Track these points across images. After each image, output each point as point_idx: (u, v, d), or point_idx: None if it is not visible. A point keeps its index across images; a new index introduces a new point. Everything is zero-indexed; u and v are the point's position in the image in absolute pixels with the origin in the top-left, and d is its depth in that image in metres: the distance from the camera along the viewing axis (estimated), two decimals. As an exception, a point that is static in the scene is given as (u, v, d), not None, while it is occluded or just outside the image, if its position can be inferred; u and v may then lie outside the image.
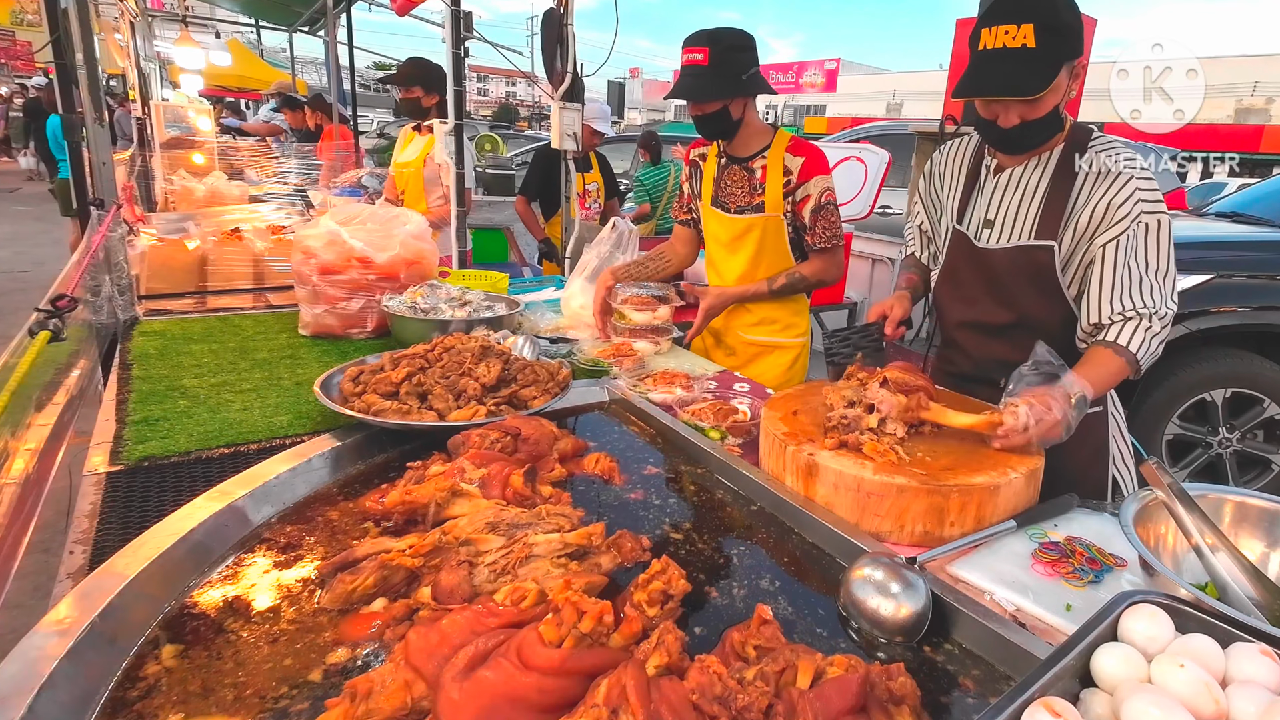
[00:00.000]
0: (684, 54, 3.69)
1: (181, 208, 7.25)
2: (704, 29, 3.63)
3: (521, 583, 1.54)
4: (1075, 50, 2.53)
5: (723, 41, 3.59)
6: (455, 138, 5.43)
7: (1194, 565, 1.74)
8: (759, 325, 4.05)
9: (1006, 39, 2.48)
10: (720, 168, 3.99)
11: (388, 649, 1.47)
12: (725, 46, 3.59)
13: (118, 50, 13.81)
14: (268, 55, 26.73)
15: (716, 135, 3.91)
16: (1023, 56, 2.47)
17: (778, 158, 3.80)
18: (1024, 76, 2.50)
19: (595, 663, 1.30)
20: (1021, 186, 2.79)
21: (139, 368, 3.05)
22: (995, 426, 2.22)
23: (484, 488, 2.00)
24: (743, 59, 3.64)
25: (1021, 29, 2.45)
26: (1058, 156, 2.72)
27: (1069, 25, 2.49)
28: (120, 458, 2.33)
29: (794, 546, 2.01)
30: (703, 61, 3.59)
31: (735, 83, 3.64)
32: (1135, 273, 2.56)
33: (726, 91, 3.66)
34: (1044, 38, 2.44)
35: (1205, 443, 6.18)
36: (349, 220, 3.77)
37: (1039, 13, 2.45)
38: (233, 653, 1.48)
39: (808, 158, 3.77)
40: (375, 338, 3.69)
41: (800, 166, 3.76)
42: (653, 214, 11.02)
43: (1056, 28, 2.45)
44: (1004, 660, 1.57)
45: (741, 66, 3.64)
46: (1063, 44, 2.48)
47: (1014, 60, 2.49)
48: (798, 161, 3.76)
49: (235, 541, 1.88)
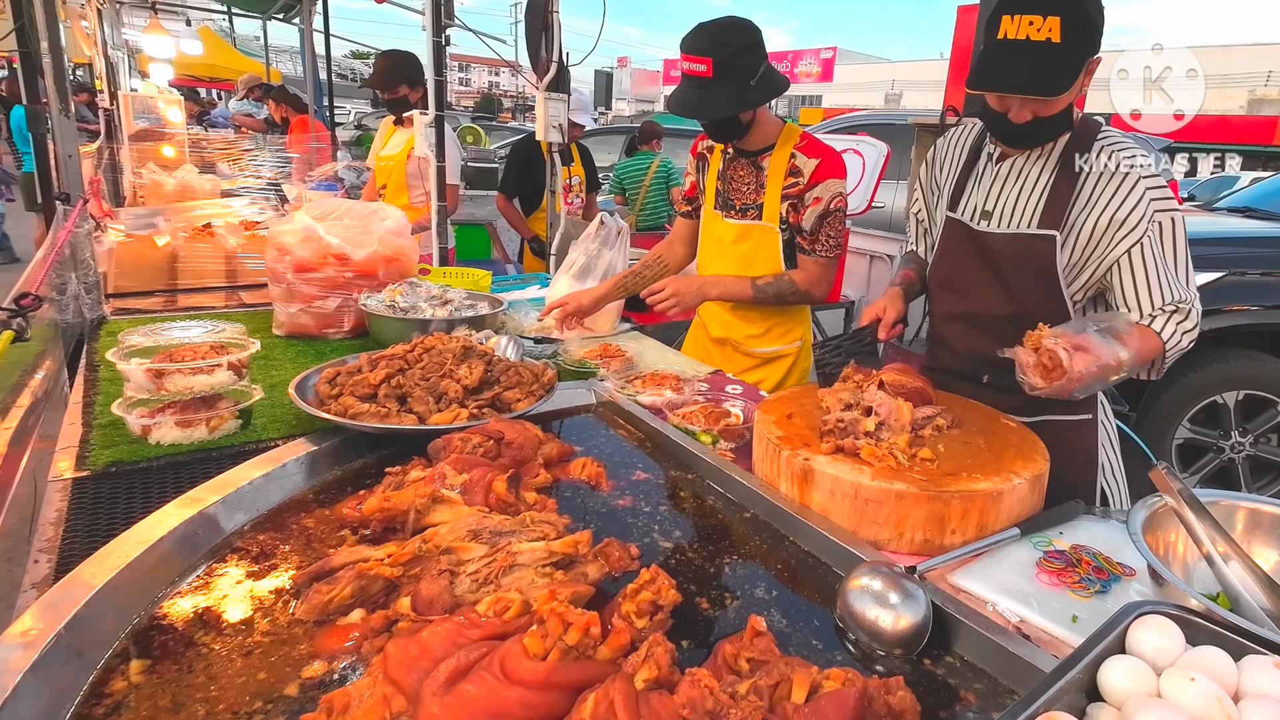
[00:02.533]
0: (684, 60, 3.46)
1: (151, 202, 7.23)
2: (705, 27, 3.39)
3: (505, 593, 1.54)
4: (1097, 46, 2.50)
5: (728, 46, 3.35)
6: (435, 130, 5.43)
7: (1205, 575, 1.74)
8: (765, 335, 3.94)
9: (1031, 30, 2.41)
10: (727, 161, 3.86)
11: (365, 662, 1.47)
12: (731, 52, 3.35)
13: (84, 38, 13.76)
14: (241, 44, 26.65)
15: (726, 138, 3.73)
16: (1046, 50, 2.42)
17: (783, 157, 3.66)
18: (1047, 74, 2.45)
19: (582, 676, 1.30)
20: (1023, 177, 2.79)
21: (107, 369, 3.03)
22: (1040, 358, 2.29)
23: (466, 494, 1.99)
24: (750, 60, 3.41)
25: (1048, 21, 2.39)
26: (1061, 148, 2.72)
27: (1095, 21, 2.45)
28: (87, 463, 2.33)
29: (789, 555, 2.02)
30: (706, 73, 3.37)
31: (744, 91, 3.43)
32: (1159, 271, 2.58)
33: (734, 104, 3.46)
34: (1070, 32, 2.39)
35: (1217, 447, 6.20)
36: (325, 215, 3.76)
37: (1067, 5, 2.39)
38: (204, 666, 1.48)
39: (823, 159, 3.61)
40: (352, 338, 3.69)
41: (814, 169, 3.59)
42: (630, 208, 10.97)
43: (1083, 22, 2.41)
44: (1007, 674, 1.57)
45: (750, 70, 3.42)
46: (1088, 41, 2.45)
47: (1036, 54, 2.43)
48: (811, 163, 3.60)
49: (207, 550, 1.88)
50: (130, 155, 9.09)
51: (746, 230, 3.77)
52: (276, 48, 28.32)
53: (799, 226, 3.65)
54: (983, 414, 2.55)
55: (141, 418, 2.46)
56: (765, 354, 3.95)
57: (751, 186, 3.76)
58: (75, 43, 13.81)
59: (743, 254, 3.80)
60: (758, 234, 3.74)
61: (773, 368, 3.96)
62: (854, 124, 12.44)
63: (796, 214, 3.65)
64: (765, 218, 3.69)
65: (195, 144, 9.83)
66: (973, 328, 2.96)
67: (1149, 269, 2.58)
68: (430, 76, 5.35)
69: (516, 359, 2.94)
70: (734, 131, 3.64)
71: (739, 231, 3.80)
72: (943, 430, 2.32)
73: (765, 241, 3.73)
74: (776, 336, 3.93)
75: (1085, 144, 2.68)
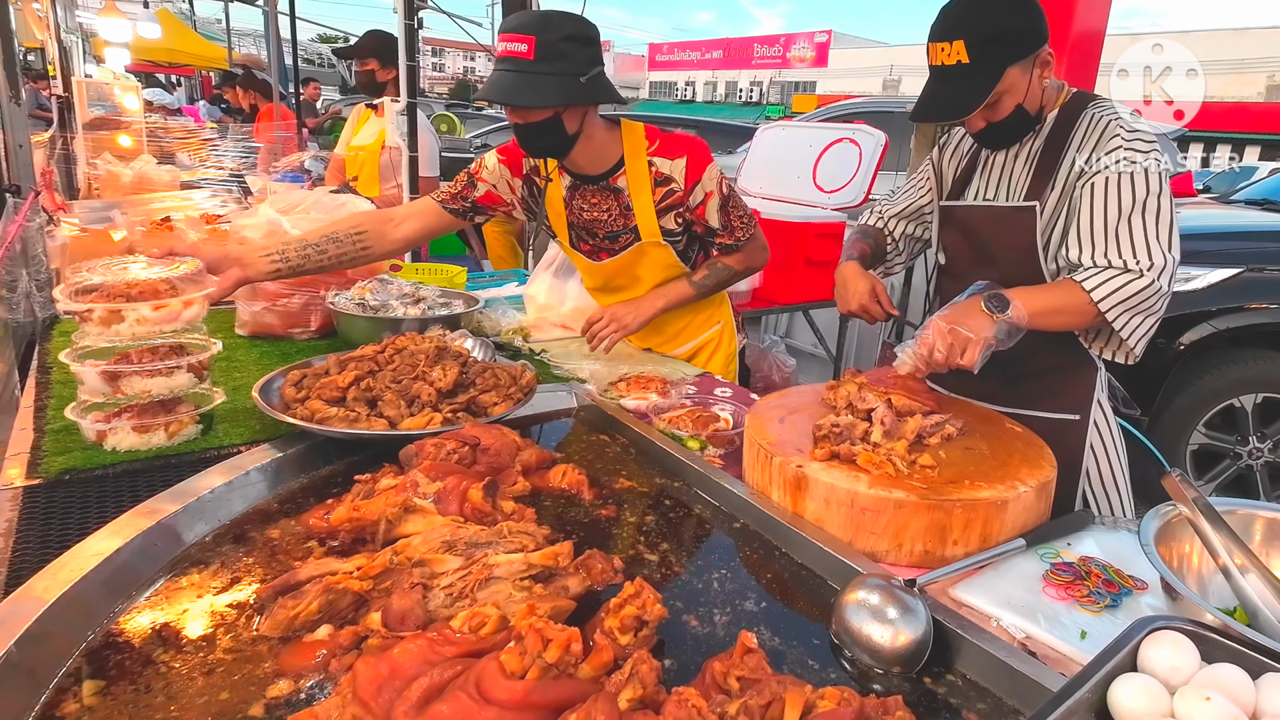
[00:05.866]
0: (500, 40, 3.14)
1: (106, 195, 7.19)
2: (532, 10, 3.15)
3: (481, 608, 1.54)
4: (1028, 48, 2.66)
5: (557, 29, 3.06)
6: (408, 117, 5.42)
7: (1221, 588, 1.74)
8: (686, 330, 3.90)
9: (944, 55, 2.66)
10: (570, 189, 3.58)
11: (334, 681, 1.46)
12: (561, 35, 3.06)
13: (36, 21, 13.72)
14: (202, 27, 26.67)
15: (544, 151, 3.42)
16: (958, 73, 2.65)
17: (639, 170, 3.41)
18: (960, 95, 2.67)
19: (562, 696, 1.30)
20: (1015, 159, 2.93)
21: (59, 371, 3.02)
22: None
23: (439, 503, 1.99)
24: (583, 54, 3.12)
25: (954, 45, 2.62)
26: (1051, 124, 2.85)
27: (1013, 29, 2.63)
28: (39, 470, 2.31)
29: (781, 568, 2.02)
30: (526, 54, 3.03)
31: (570, 85, 3.11)
32: (1112, 223, 2.65)
33: (558, 96, 3.10)
34: (978, 51, 2.60)
35: (1234, 453, 6.22)
36: (290, 208, 3.75)
37: (970, 27, 2.61)
38: (163, 686, 1.47)
39: (688, 154, 3.39)
40: (320, 338, 3.68)
41: (684, 169, 3.38)
42: None
43: (994, 36, 2.60)
44: (1012, 693, 1.57)
45: (580, 64, 3.11)
46: (1006, 50, 2.63)
47: (954, 78, 2.67)
48: (678, 164, 3.38)
49: (165, 563, 1.87)
50: (85, 145, 9.05)
51: (628, 261, 3.63)
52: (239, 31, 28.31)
53: (708, 228, 3.53)
54: (985, 418, 2.57)
55: (96, 422, 2.45)
56: (692, 347, 3.92)
57: (614, 213, 3.54)
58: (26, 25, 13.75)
59: (640, 275, 3.67)
60: (645, 254, 3.60)
61: (698, 358, 3.92)
62: (850, 112, 12.48)
63: (693, 220, 3.51)
64: (645, 236, 3.52)
65: (153, 133, 9.79)
66: None
67: (1095, 216, 2.67)
68: (402, 62, 5.35)
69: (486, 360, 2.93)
70: (556, 142, 3.28)
71: (618, 266, 3.65)
72: (952, 438, 2.33)
73: (656, 257, 3.60)
74: (698, 327, 3.91)
75: (1075, 115, 2.80)
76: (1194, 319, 5.91)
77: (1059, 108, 2.83)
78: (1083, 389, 2.95)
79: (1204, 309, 5.86)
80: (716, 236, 3.55)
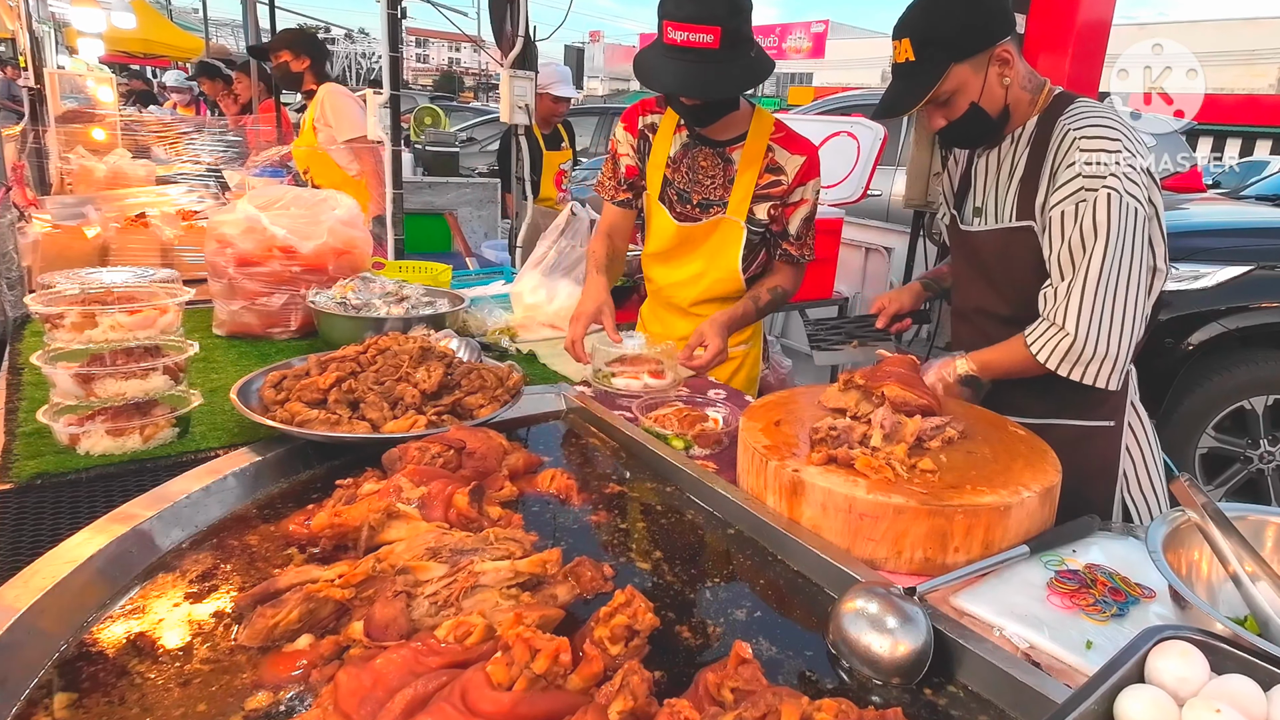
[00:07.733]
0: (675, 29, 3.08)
1: (80, 190, 7.18)
2: None
3: (466, 616, 1.54)
4: (976, 46, 2.70)
5: (740, 12, 3.11)
6: (391, 109, 5.42)
7: (1232, 596, 1.75)
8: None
9: (897, 54, 2.75)
10: (682, 147, 3.65)
11: (314, 692, 1.46)
12: (742, 20, 3.12)
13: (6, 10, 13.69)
14: (178, 17, 26.62)
15: (704, 121, 3.45)
16: (905, 71, 2.76)
17: (757, 150, 3.51)
18: (903, 93, 2.78)
19: (550, 708, 1.30)
20: (1000, 168, 2.91)
21: (31, 372, 3.01)
22: None
23: (423, 509, 1.99)
24: (750, 30, 3.20)
25: (902, 44, 2.73)
26: (1032, 129, 2.83)
27: (958, 28, 2.69)
28: (10, 474, 2.31)
29: (777, 575, 2.02)
30: (713, 44, 3.04)
31: (752, 67, 3.22)
32: (1067, 265, 2.67)
33: (745, 82, 3.26)
34: (923, 51, 2.69)
35: (1244, 457, 6.23)
36: (270, 204, 3.74)
37: (915, 25, 2.71)
38: (138, 698, 1.47)
39: (808, 158, 3.52)
40: (300, 338, 3.68)
41: (798, 168, 3.50)
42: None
43: (936, 34, 2.68)
44: (1015, 704, 1.57)
45: (753, 44, 3.21)
46: (949, 49, 2.68)
47: (900, 75, 2.79)
48: (795, 161, 3.50)
49: (141, 570, 1.87)
50: (57, 138, 9.04)
51: (703, 230, 3.67)
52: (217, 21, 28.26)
53: (784, 230, 3.62)
54: (988, 421, 2.55)
55: (69, 426, 2.44)
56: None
57: (718, 181, 3.60)
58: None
59: (702, 252, 3.70)
60: (720, 230, 3.64)
61: (723, 369, 3.85)
62: (848, 104, 12.44)
63: (779, 216, 3.59)
64: (731, 212, 3.58)
65: (128, 127, 9.77)
66: (974, 328, 3.08)
67: (1052, 259, 2.71)
68: (385, 52, 5.34)
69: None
70: (722, 112, 3.40)
71: (691, 232, 3.68)
72: (953, 442, 2.33)
73: (728, 238, 3.63)
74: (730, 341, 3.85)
75: (1050, 125, 2.78)
76: (1203, 318, 5.92)
77: (1040, 113, 2.82)
78: (1117, 392, 2.90)
79: (1213, 308, 5.86)
80: (786, 243, 3.64)
